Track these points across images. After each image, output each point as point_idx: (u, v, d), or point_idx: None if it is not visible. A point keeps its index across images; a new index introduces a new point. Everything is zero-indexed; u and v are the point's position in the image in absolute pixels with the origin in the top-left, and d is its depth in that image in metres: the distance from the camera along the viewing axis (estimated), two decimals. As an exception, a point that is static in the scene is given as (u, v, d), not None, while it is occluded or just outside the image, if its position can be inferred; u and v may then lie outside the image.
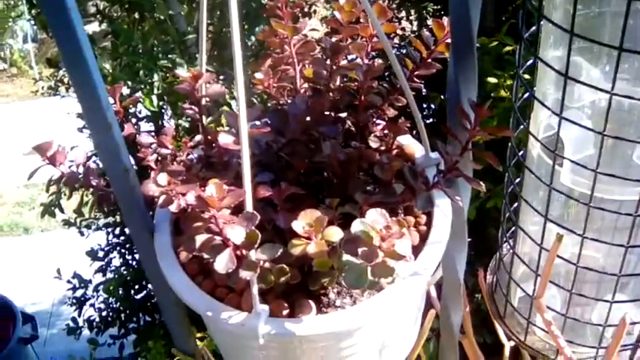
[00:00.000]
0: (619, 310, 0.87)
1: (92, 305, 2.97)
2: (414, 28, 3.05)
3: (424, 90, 1.72)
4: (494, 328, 1.04)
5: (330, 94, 0.84)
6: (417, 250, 0.77)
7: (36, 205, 4.48)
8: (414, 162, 0.86)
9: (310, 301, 0.74)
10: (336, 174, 0.77)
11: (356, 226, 0.65)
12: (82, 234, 2.93)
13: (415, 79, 0.87)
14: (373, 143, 0.87)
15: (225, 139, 0.72)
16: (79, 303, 2.95)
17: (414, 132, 0.85)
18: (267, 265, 0.70)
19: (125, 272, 2.82)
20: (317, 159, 0.76)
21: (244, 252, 0.68)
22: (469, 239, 0.92)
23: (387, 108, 0.88)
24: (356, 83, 0.86)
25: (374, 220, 0.63)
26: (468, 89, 0.75)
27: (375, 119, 0.88)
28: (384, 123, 0.88)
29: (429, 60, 0.86)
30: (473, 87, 0.76)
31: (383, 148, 0.87)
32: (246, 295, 0.73)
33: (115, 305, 2.89)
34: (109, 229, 2.88)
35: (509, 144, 0.87)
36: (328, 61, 0.83)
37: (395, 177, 0.78)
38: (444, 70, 0.84)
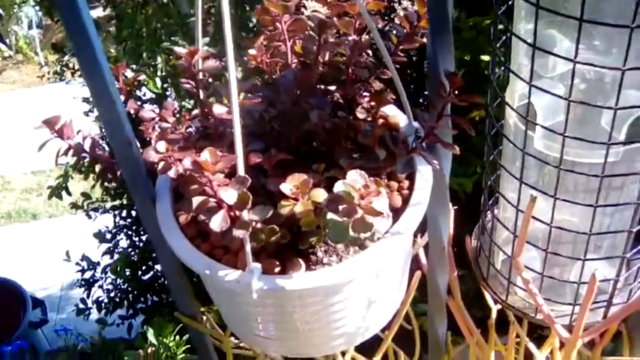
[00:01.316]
0: (593, 269, 0.92)
1: (100, 287, 3.03)
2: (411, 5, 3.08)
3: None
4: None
5: (320, 68, 0.90)
6: (399, 212, 0.83)
7: (43, 191, 4.55)
8: (398, 131, 0.92)
9: (300, 260, 0.79)
10: (324, 142, 0.83)
11: (338, 187, 0.71)
12: (89, 217, 2.98)
13: (400, 53, 0.92)
14: (360, 114, 0.92)
15: (219, 110, 0.78)
16: (88, 284, 3.01)
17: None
18: (258, 225, 0.75)
19: (132, 254, 2.88)
20: (305, 127, 0.81)
21: (237, 213, 0.73)
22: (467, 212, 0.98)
23: (374, 81, 0.93)
24: (344, 58, 0.91)
25: (353, 179, 0.69)
26: (445, 60, 0.81)
27: (362, 92, 0.94)
28: (370, 95, 0.94)
29: (413, 35, 0.92)
30: (449, 58, 0.81)
31: (369, 119, 0.92)
32: (240, 255, 0.78)
33: (122, 286, 2.95)
34: (116, 212, 2.93)
35: (488, 115, 0.92)
36: (317, 38, 0.88)
37: (378, 144, 0.84)
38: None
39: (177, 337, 1.26)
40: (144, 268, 2.84)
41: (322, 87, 0.89)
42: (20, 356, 1.21)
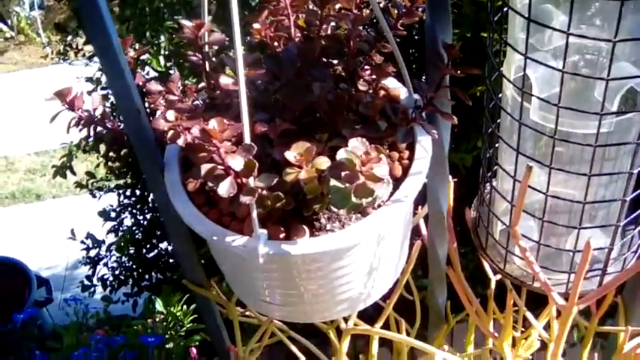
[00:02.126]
0: (589, 237, 0.95)
1: (105, 264, 3.05)
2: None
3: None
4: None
5: (322, 41, 0.92)
6: (400, 181, 0.86)
7: (47, 171, 4.57)
8: (398, 102, 0.95)
9: (304, 226, 0.82)
10: (326, 113, 0.86)
11: (340, 154, 0.74)
12: (93, 196, 3.00)
13: (400, 27, 0.95)
14: (362, 87, 0.95)
15: (225, 81, 0.80)
16: (93, 262, 3.04)
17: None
18: (264, 192, 0.78)
19: (137, 232, 2.90)
20: (308, 99, 0.84)
21: (244, 180, 0.76)
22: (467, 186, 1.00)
23: (375, 54, 0.96)
24: (346, 31, 0.94)
25: (355, 146, 0.72)
26: (443, 32, 0.83)
27: (363, 65, 0.96)
28: (371, 68, 0.97)
29: (412, 10, 0.94)
30: (447, 30, 0.84)
31: (371, 91, 0.95)
32: (247, 222, 0.81)
33: (127, 264, 2.97)
34: (120, 191, 2.95)
35: (486, 88, 0.94)
36: (319, 11, 0.90)
37: (379, 115, 0.86)
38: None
39: (185, 306, 1.29)
40: (148, 246, 2.87)
41: (324, 60, 0.92)
42: (32, 322, 1.25)
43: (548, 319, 1.16)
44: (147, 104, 0.95)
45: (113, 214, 2.92)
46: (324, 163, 0.75)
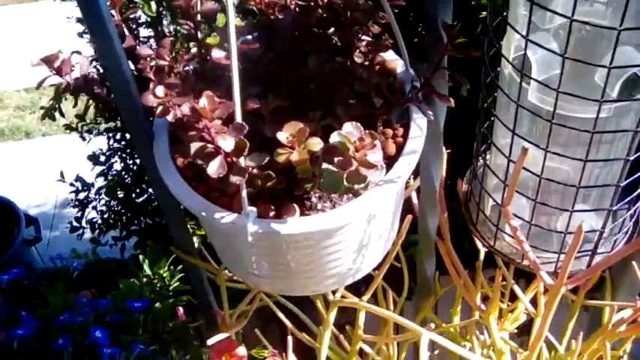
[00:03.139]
0: (581, 219, 0.94)
1: (94, 208, 3.04)
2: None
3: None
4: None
5: (319, 10, 0.89)
6: (393, 159, 0.85)
7: (37, 109, 4.52)
8: (395, 77, 0.92)
9: (294, 205, 0.81)
10: (321, 88, 0.84)
11: (334, 138, 0.72)
12: (83, 139, 2.98)
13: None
14: (358, 59, 0.93)
15: (217, 54, 0.78)
16: (82, 205, 3.03)
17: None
18: (255, 171, 0.77)
19: (126, 176, 2.88)
20: (303, 73, 0.82)
21: (234, 159, 0.75)
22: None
23: (372, 25, 0.93)
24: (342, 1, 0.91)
25: (349, 132, 0.70)
26: (444, 11, 0.81)
27: (360, 35, 0.94)
28: (368, 39, 0.94)
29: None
30: (448, 9, 0.81)
31: (367, 63, 0.93)
32: (237, 198, 0.80)
33: (116, 208, 2.96)
34: (110, 134, 2.92)
35: (483, 64, 0.92)
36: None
37: (375, 92, 0.84)
38: None
39: (172, 267, 1.29)
40: (137, 190, 2.85)
41: (320, 31, 0.89)
42: (17, 283, 1.25)
43: (535, 292, 1.16)
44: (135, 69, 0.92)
45: (103, 158, 2.89)
46: (316, 144, 0.74)
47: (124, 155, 2.91)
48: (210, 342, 1.00)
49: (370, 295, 1.07)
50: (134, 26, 2.31)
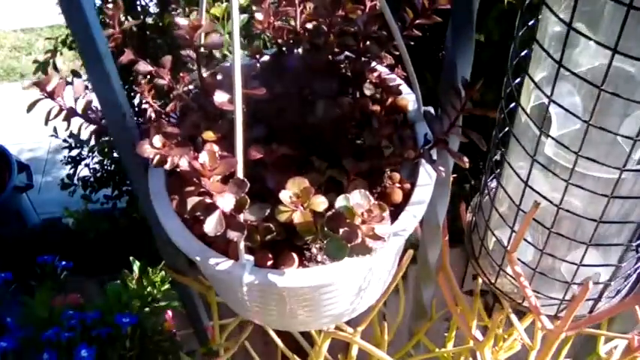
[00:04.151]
0: (587, 268, 0.91)
1: (87, 165, 3.01)
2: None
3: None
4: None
5: (330, 38, 0.84)
6: (399, 207, 0.81)
7: (33, 50, 4.44)
8: (406, 114, 0.88)
9: (293, 254, 0.78)
10: (328, 133, 0.79)
11: (340, 202, 0.68)
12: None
13: (414, 29, 0.87)
14: (368, 90, 0.88)
15: (220, 98, 0.73)
16: (75, 162, 2.99)
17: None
18: (254, 222, 0.73)
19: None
20: (310, 120, 0.77)
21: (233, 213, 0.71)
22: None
23: (385, 55, 0.89)
24: (355, 27, 0.86)
25: (357, 203, 0.66)
26: (463, 68, 0.76)
27: (372, 66, 0.89)
28: (380, 70, 0.90)
29: (430, 10, 0.86)
30: (468, 67, 0.76)
31: (377, 95, 0.88)
32: (234, 244, 0.76)
33: (109, 167, 2.93)
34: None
35: (500, 109, 0.88)
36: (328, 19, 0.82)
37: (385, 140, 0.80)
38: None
39: (163, 272, 1.26)
40: (131, 150, 2.81)
41: (330, 60, 0.84)
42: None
43: (533, 319, 1.14)
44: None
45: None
46: (320, 204, 0.70)
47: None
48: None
49: (366, 325, 1.05)
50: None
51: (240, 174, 0.68)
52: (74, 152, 2.98)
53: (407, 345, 1.24)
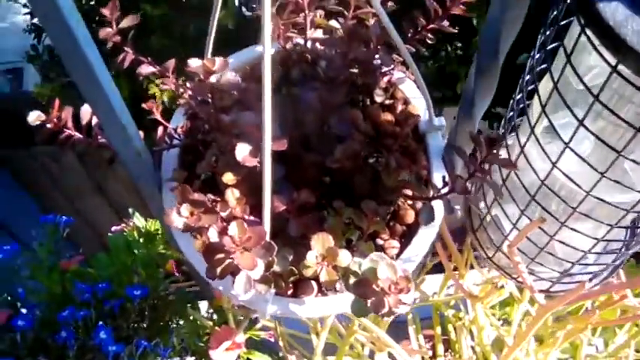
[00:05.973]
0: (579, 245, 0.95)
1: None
2: None
3: None
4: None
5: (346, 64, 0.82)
6: (411, 229, 0.84)
7: None
8: (417, 126, 0.88)
9: (313, 282, 0.81)
10: (345, 175, 0.80)
11: (366, 265, 0.71)
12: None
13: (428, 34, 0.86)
14: (378, 97, 0.88)
15: (242, 152, 0.72)
16: (38, 30, 2.89)
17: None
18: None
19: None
20: (328, 164, 0.77)
21: (259, 267, 0.73)
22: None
23: (397, 65, 0.88)
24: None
25: (385, 277, 0.68)
26: (481, 108, 0.76)
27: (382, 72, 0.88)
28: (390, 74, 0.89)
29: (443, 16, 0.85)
30: (485, 106, 0.76)
31: (387, 102, 0.88)
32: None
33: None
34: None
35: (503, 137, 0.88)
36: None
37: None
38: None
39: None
40: (97, 18, 2.72)
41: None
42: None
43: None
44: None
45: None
46: (345, 260, 0.72)
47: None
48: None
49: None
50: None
51: (267, 236, 0.70)
52: (36, 19, 2.89)
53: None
